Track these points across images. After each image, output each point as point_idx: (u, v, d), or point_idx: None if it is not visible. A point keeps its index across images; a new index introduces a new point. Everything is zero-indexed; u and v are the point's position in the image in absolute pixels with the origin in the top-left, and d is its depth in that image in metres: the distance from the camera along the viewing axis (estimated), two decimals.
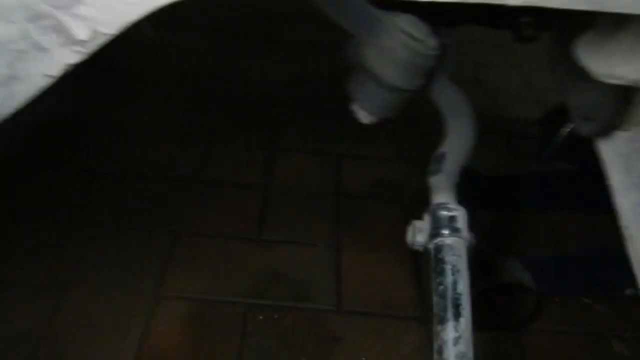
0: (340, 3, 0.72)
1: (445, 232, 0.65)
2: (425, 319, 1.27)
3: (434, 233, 0.65)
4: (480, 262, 1.18)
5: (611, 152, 0.69)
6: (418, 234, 0.68)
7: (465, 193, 1.47)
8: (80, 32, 0.47)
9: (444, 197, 0.69)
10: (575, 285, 1.32)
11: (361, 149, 1.80)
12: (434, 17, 0.74)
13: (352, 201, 1.59)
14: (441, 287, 0.61)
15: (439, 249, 0.64)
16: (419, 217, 0.75)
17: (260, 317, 1.24)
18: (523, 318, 1.24)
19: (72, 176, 1.56)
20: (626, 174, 0.66)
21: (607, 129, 0.69)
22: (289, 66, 2.21)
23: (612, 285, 1.27)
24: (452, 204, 0.67)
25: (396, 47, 0.72)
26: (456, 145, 0.77)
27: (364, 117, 0.80)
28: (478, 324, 0.69)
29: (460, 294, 0.60)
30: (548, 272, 1.25)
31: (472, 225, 0.76)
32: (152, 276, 1.30)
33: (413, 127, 1.93)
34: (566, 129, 1.77)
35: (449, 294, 0.61)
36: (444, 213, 0.66)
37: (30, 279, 1.26)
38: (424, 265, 1.40)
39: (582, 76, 0.69)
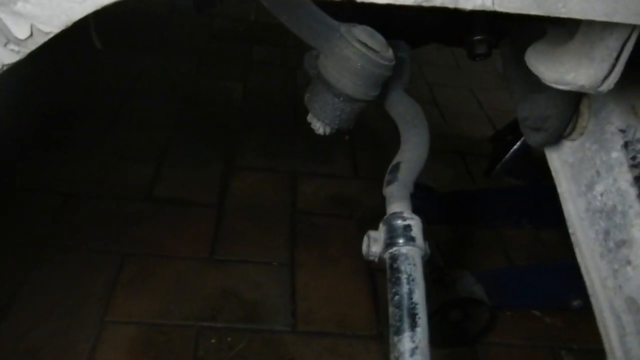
0: (298, 14, 0.72)
1: (400, 241, 0.63)
2: (382, 337, 1.26)
3: (389, 242, 0.64)
4: (435, 277, 1.19)
5: (559, 161, 0.71)
6: (373, 244, 0.67)
7: (420, 209, 1.49)
8: (19, 30, 0.44)
9: (399, 207, 0.68)
10: (525, 298, 1.35)
11: (316, 166, 1.80)
12: (389, 29, 0.75)
13: (308, 218, 1.57)
14: (397, 297, 0.60)
15: (394, 258, 0.63)
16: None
17: (213, 341, 1.20)
18: (477, 332, 1.25)
19: (16, 194, 1.48)
20: (573, 182, 0.68)
21: (556, 139, 0.70)
22: (245, 85, 2.20)
23: (560, 297, 1.30)
24: (407, 213, 0.66)
25: (352, 57, 0.72)
26: (410, 156, 0.77)
27: (320, 127, 0.80)
28: (433, 340, 0.69)
29: (416, 304, 0.59)
30: (500, 285, 1.27)
31: (428, 241, 0.76)
32: (98, 300, 1.24)
33: (369, 145, 1.95)
34: (515, 147, 1.83)
35: (405, 303, 0.59)
36: (399, 222, 0.65)
37: None
38: (380, 283, 1.40)
39: (534, 88, 0.71)
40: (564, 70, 0.54)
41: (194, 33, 2.51)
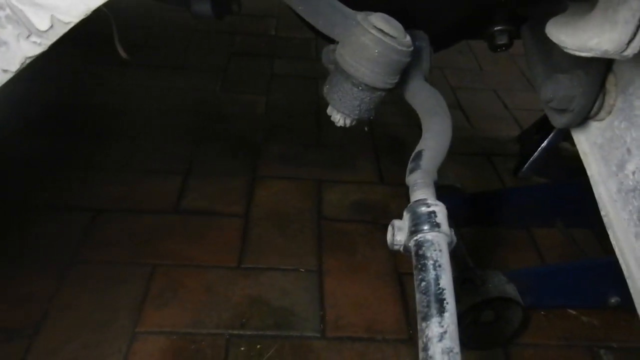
0: (314, 3, 0.73)
1: (425, 227, 0.62)
2: (412, 341, 1.24)
3: (414, 230, 0.63)
4: (465, 278, 1.17)
5: (587, 143, 0.69)
6: (397, 232, 0.65)
7: (448, 211, 1.47)
8: (40, 21, 0.45)
9: (423, 194, 0.67)
10: (560, 297, 1.31)
11: (341, 173, 1.79)
12: (407, 21, 0.75)
13: (334, 225, 1.57)
14: (423, 284, 0.58)
15: (419, 245, 0.62)
16: None
17: (242, 348, 1.20)
18: (509, 333, 1.21)
19: (45, 211, 1.51)
20: (603, 163, 0.66)
21: (582, 119, 0.69)
22: (267, 98, 2.22)
23: (597, 295, 1.26)
24: (431, 200, 0.65)
25: (369, 44, 0.72)
26: (432, 143, 0.76)
27: (339, 119, 0.80)
28: (465, 342, 0.67)
29: (443, 289, 0.58)
30: (533, 284, 1.23)
31: (457, 242, 0.75)
32: (128, 312, 1.25)
33: (393, 150, 1.94)
34: (543, 145, 1.80)
35: (432, 289, 0.58)
36: (423, 209, 0.64)
37: None
38: (409, 286, 1.37)
39: (557, 69, 0.69)
40: (586, 37, 0.52)
41: (215, 51, 2.56)
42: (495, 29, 0.90)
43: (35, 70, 1.96)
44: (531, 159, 1.82)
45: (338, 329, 1.25)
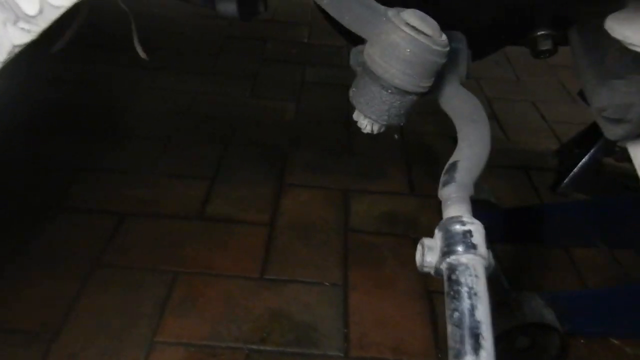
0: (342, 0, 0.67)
1: (460, 248, 0.55)
2: None
3: (447, 251, 0.56)
4: (499, 300, 1.10)
5: None
6: (428, 253, 0.59)
7: (485, 228, 1.40)
8: (29, 5, 0.41)
9: (457, 210, 0.61)
10: (602, 324, 1.22)
11: (370, 183, 1.74)
12: (442, 22, 0.68)
13: (361, 237, 1.51)
14: (456, 315, 0.52)
15: (452, 268, 0.55)
16: None
17: None
18: None
19: (71, 214, 1.51)
20: None
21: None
22: (297, 105, 2.18)
23: None
24: (467, 217, 0.58)
25: (400, 43, 0.66)
26: (469, 153, 0.69)
27: (367, 125, 0.74)
28: None
29: (479, 322, 0.50)
30: (573, 310, 1.15)
31: (491, 250, 0.68)
32: (148, 320, 1.22)
33: (425, 160, 1.88)
34: (584, 159, 1.71)
35: (466, 322, 0.51)
36: (458, 227, 0.57)
37: (18, 323, 1.19)
38: (439, 305, 1.31)
39: (611, 75, 0.63)
40: None
41: (247, 57, 2.55)
42: (539, 33, 0.83)
43: (68, 73, 1.98)
44: (571, 174, 1.72)
45: (362, 349, 1.20)
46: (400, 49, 0.66)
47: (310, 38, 2.79)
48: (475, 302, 0.51)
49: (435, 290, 1.35)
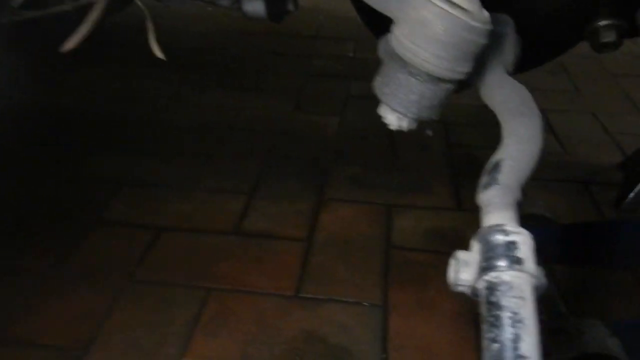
0: None
1: (502, 264, 0.45)
2: None
3: (486, 266, 0.46)
4: (557, 327, 0.98)
5: None
6: (463, 269, 0.48)
7: (537, 245, 1.28)
8: None
9: (500, 218, 0.50)
10: None
11: (414, 198, 1.65)
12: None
13: (404, 255, 1.42)
14: (495, 346, 0.41)
15: (492, 288, 0.45)
16: None
17: None
18: None
19: (105, 228, 1.50)
20: None
21: None
22: (341, 119, 2.13)
23: None
24: (511, 226, 0.48)
25: (431, 19, 0.56)
26: (515, 151, 0.58)
27: (394, 120, 0.65)
28: None
29: (524, 357, 0.40)
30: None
31: (542, 266, 0.56)
32: (177, 339, 1.18)
33: (472, 174, 1.76)
34: None
35: (508, 355, 0.41)
36: (500, 238, 0.47)
37: (50, 339, 1.17)
38: None
39: None
40: None
41: (292, 73, 2.53)
42: (600, 24, 0.72)
43: (113, 88, 2.02)
44: (637, 189, 1.57)
45: None
46: (431, 27, 0.56)
47: (356, 52, 2.74)
48: (519, 332, 0.41)
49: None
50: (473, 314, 1.24)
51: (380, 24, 0.64)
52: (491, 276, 0.45)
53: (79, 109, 2.15)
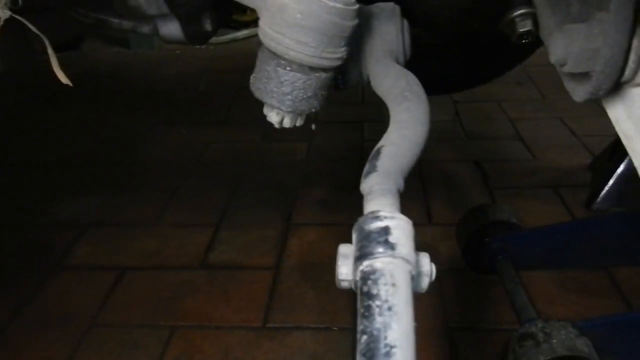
0: None
1: (375, 250, 0.42)
2: None
3: (359, 255, 0.43)
4: (525, 333, 0.95)
5: (630, 119, 0.49)
6: (342, 262, 0.45)
7: (507, 252, 1.24)
8: None
9: (377, 204, 0.48)
10: None
11: None
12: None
13: None
14: (364, 337, 0.38)
15: (364, 277, 0.42)
16: (456, 291, 0.51)
17: None
18: None
19: (67, 272, 1.45)
20: None
21: (614, 84, 0.49)
22: (309, 144, 2.11)
23: None
24: (387, 212, 0.45)
25: (289, 3, 0.54)
26: (396, 137, 0.56)
27: (275, 115, 0.63)
28: None
29: (392, 347, 0.37)
30: (612, 339, 0.97)
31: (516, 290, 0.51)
32: None
33: (442, 189, 1.75)
34: (619, 170, 1.55)
35: (375, 345, 0.37)
36: (373, 225, 0.44)
37: None
38: (461, 348, 1.15)
39: (576, 19, 0.51)
40: None
41: (259, 105, 2.51)
42: (515, 14, 0.72)
43: (86, 132, 1.98)
44: (606, 188, 1.56)
45: None
46: (289, 11, 0.54)
47: None
48: (388, 320, 0.38)
49: (456, 328, 1.19)
50: (446, 328, 1.20)
51: None
52: (364, 265, 0.42)
53: (43, 151, 2.12)
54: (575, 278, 1.32)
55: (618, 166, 1.55)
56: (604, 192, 1.57)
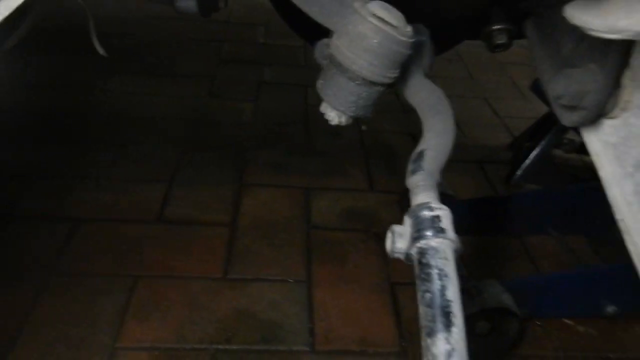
0: None
1: (429, 233, 0.59)
2: (405, 354, 1.19)
3: (417, 236, 0.59)
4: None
5: (600, 143, 0.65)
6: (398, 239, 0.62)
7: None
8: None
9: (426, 197, 0.64)
10: (556, 307, 1.27)
11: (330, 181, 1.75)
12: (407, 11, 0.71)
13: (323, 234, 1.52)
14: (428, 295, 0.55)
15: (422, 252, 0.58)
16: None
17: None
18: (506, 344, 1.17)
19: (26, 221, 1.45)
20: (617, 164, 0.62)
21: (595, 117, 0.65)
22: (256, 105, 2.18)
23: (593, 304, 1.23)
24: (435, 203, 0.62)
25: (367, 34, 0.68)
26: (435, 143, 0.72)
27: (335, 116, 0.75)
28: None
29: (450, 301, 0.54)
30: (529, 294, 1.19)
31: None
32: (108, 326, 1.20)
33: (383, 158, 1.91)
34: (535, 152, 1.77)
35: (437, 301, 0.54)
36: (427, 213, 0.60)
37: None
38: (401, 297, 1.33)
39: (569, 63, 0.66)
40: (614, 18, 0.48)
41: (204, 59, 2.52)
42: (494, 27, 0.86)
43: (23, 78, 1.91)
44: (523, 166, 1.79)
45: (328, 343, 1.20)
46: (367, 40, 0.68)
47: (267, 38, 2.79)
48: (445, 283, 0.55)
49: (398, 282, 1.37)
50: (389, 283, 1.37)
51: (315, 34, 0.73)
52: (421, 243, 0.58)
53: None
54: (493, 244, 1.54)
55: (534, 148, 1.78)
56: (521, 170, 1.80)
